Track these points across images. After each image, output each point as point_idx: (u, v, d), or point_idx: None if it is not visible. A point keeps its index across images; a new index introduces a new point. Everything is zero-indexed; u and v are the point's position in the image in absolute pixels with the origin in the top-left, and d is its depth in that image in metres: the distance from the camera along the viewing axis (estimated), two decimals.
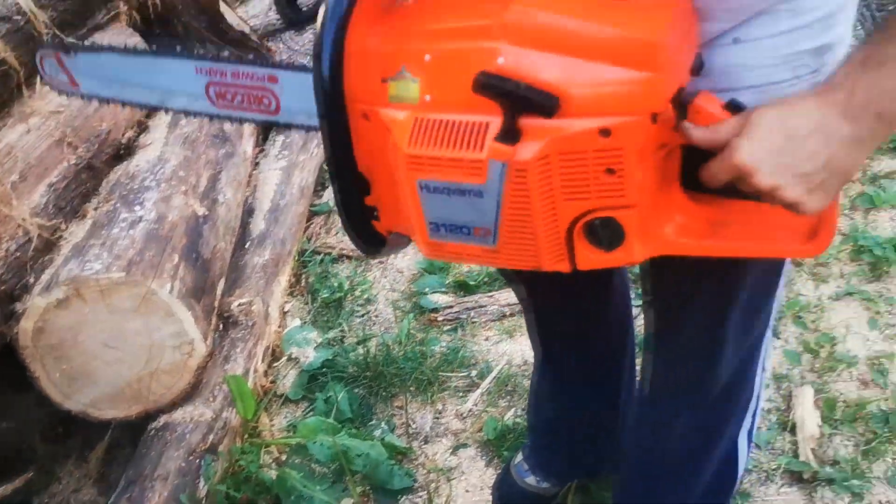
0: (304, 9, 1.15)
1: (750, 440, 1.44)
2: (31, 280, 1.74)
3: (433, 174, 0.89)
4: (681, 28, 0.88)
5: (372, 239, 1.03)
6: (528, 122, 0.84)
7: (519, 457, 1.77)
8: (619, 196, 0.88)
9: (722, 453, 1.41)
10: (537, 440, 1.75)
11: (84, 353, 1.74)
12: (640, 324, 1.37)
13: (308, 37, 3.91)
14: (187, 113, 1.27)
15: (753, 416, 1.40)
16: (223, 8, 3.00)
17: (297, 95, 1.15)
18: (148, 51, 1.35)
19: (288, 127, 1.25)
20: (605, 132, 0.83)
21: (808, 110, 0.84)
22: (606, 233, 0.91)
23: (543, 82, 0.83)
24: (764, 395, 1.50)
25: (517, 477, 1.75)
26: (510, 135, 0.85)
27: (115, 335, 1.73)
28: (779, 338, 2.18)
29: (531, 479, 1.73)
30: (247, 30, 3.10)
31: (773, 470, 1.82)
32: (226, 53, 1.18)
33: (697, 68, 0.91)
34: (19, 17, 1.88)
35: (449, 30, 0.89)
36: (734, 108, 0.88)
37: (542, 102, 0.83)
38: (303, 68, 1.14)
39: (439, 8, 0.92)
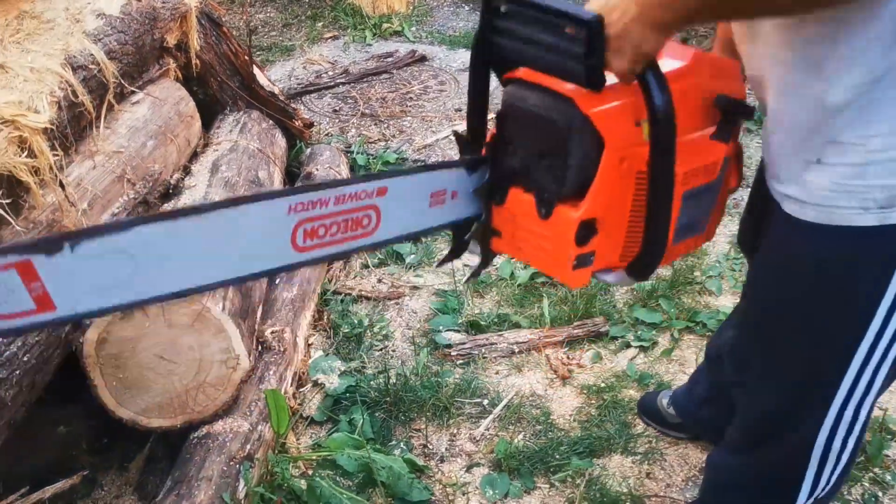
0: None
1: None
2: None
3: (694, 181, 1.21)
4: None
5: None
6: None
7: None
8: None
9: None
10: (692, 378, 2.14)
11: (140, 365, 1.92)
12: None
13: (327, 101, 4.19)
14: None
15: None
16: (255, 70, 3.27)
17: (399, 203, 1.19)
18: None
19: (380, 246, 1.27)
20: None
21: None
22: None
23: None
24: None
25: (658, 394, 2.22)
26: (725, 136, 1.23)
27: (169, 348, 1.91)
28: None
29: (665, 401, 2.19)
30: (276, 90, 3.36)
31: None
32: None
33: None
34: (94, 67, 2.11)
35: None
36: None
37: (749, 111, 1.23)
38: (411, 170, 1.20)
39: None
